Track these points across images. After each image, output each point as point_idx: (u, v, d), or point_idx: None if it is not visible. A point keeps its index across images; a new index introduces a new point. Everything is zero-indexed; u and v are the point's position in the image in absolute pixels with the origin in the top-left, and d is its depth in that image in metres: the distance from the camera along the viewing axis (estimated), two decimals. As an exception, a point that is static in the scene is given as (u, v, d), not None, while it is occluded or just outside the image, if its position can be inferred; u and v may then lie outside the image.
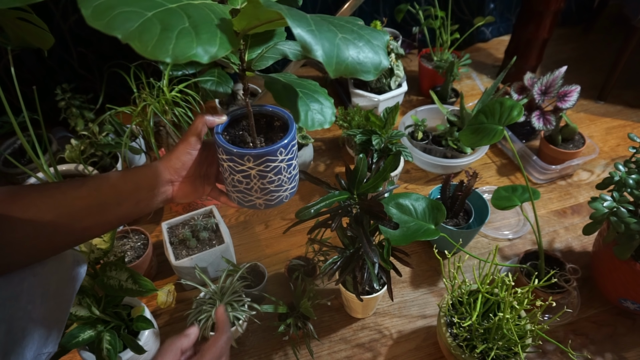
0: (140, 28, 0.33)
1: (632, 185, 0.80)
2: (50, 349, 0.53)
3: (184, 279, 0.93)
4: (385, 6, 1.67)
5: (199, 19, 0.38)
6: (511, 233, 1.13)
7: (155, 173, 0.56)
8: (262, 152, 0.54)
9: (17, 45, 0.74)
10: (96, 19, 0.32)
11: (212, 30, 0.38)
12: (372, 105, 1.39)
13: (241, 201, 0.62)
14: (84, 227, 0.51)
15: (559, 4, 1.37)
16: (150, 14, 0.34)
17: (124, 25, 0.33)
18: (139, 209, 0.56)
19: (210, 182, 0.64)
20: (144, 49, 0.33)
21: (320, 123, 0.51)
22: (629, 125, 1.44)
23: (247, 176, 0.57)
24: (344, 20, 0.41)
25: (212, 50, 0.37)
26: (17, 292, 0.48)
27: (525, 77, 1.24)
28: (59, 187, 0.50)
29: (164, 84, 1.01)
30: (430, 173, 1.30)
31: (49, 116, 1.35)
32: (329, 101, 0.54)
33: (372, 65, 0.39)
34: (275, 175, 0.58)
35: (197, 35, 0.36)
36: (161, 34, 0.34)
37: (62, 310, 0.56)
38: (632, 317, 0.95)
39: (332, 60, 0.37)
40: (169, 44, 0.34)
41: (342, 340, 0.92)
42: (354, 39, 0.39)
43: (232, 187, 0.60)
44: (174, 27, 0.35)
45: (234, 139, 0.60)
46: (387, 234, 0.76)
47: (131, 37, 0.33)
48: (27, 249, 0.48)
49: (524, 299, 0.71)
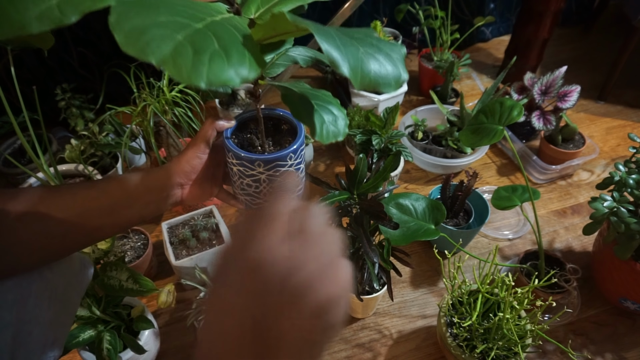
0: (173, 53, 0.32)
1: (632, 185, 0.80)
2: (57, 352, 0.53)
3: (184, 279, 0.93)
4: (385, 6, 1.67)
5: (227, 39, 0.37)
6: (511, 233, 1.13)
7: (166, 176, 0.57)
8: (273, 157, 0.54)
9: (17, 45, 0.75)
10: (130, 45, 0.31)
11: (241, 50, 0.37)
12: (372, 105, 1.39)
13: (249, 204, 0.62)
14: (94, 228, 0.52)
15: (559, 4, 1.37)
16: (182, 37, 0.34)
17: (157, 51, 0.32)
18: (148, 211, 0.56)
19: (218, 183, 0.65)
20: (178, 74, 0.32)
21: (335, 135, 0.51)
22: (629, 125, 1.44)
23: (257, 180, 0.57)
24: (362, 34, 0.42)
25: (244, 72, 0.36)
26: (25, 295, 0.48)
27: (525, 77, 1.24)
28: (70, 188, 0.50)
29: (164, 83, 1.01)
30: (430, 173, 1.30)
31: (49, 116, 1.35)
32: (342, 112, 0.54)
33: (393, 79, 0.40)
34: None
35: (228, 58, 0.35)
36: (194, 58, 0.33)
37: (68, 314, 0.56)
38: (632, 317, 0.95)
39: (357, 75, 0.37)
40: (202, 68, 0.33)
41: (342, 340, 0.92)
42: (374, 53, 0.39)
43: (241, 190, 0.60)
44: (205, 50, 0.34)
45: (242, 142, 0.60)
46: (387, 234, 0.76)
47: (166, 62, 0.32)
48: (37, 249, 0.48)
49: (524, 299, 0.71)
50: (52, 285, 0.51)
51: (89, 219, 0.51)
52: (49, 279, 0.51)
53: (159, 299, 0.86)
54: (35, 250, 0.48)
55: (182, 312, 0.97)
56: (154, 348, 0.86)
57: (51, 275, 0.51)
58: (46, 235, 0.47)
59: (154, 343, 0.86)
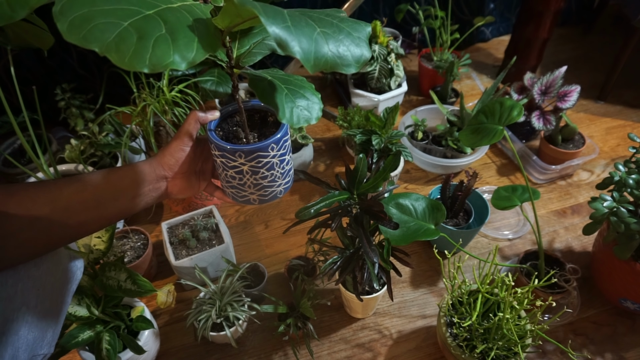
0: (116, 39, 0.32)
1: (632, 185, 0.80)
2: (46, 350, 0.53)
3: (184, 279, 0.93)
4: (385, 6, 1.67)
5: (176, 23, 0.37)
6: (511, 233, 1.13)
7: (150, 169, 0.57)
8: (254, 148, 0.55)
9: (17, 45, 0.74)
10: (72, 33, 0.31)
11: (189, 35, 0.37)
12: (372, 105, 1.39)
13: (235, 196, 0.62)
14: (80, 222, 0.52)
15: (559, 4, 1.37)
16: (127, 23, 0.33)
17: (100, 38, 0.32)
18: (134, 204, 0.56)
19: (206, 177, 0.65)
20: (121, 61, 0.32)
21: (307, 119, 0.51)
22: (629, 125, 1.44)
23: (240, 172, 0.57)
24: (324, 14, 0.41)
25: (190, 55, 0.36)
26: (11, 293, 0.48)
27: (525, 77, 1.24)
28: (56, 182, 0.51)
29: (164, 84, 1.01)
30: (430, 173, 1.30)
31: (48, 116, 1.35)
32: (316, 96, 0.53)
33: (354, 59, 0.39)
34: (267, 171, 0.58)
35: (174, 42, 0.35)
36: (137, 44, 0.33)
37: (57, 312, 0.56)
38: (632, 317, 0.95)
39: (310, 56, 0.36)
40: (145, 53, 0.33)
41: (342, 340, 0.92)
42: (333, 33, 0.38)
43: (226, 182, 0.61)
44: (150, 35, 0.34)
45: (227, 135, 0.60)
46: (387, 234, 0.76)
47: (108, 49, 0.31)
48: (22, 242, 0.48)
49: (524, 299, 0.71)
50: (40, 284, 0.51)
51: (74, 212, 0.51)
52: (36, 277, 0.51)
53: (158, 299, 0.86)
54: (20, 243, 0.48)
55: (182, 312, 0.97)
56: (154, 348, 0.86)
57: (38, 273, 0.51)
58: (31, 228, 0.47)
59: (154, 343, 0.86)
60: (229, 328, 0.83)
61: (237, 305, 0.84)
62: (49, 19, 1.27)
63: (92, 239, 0.75)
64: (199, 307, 0.84)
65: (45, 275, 0.52)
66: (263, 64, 1.58)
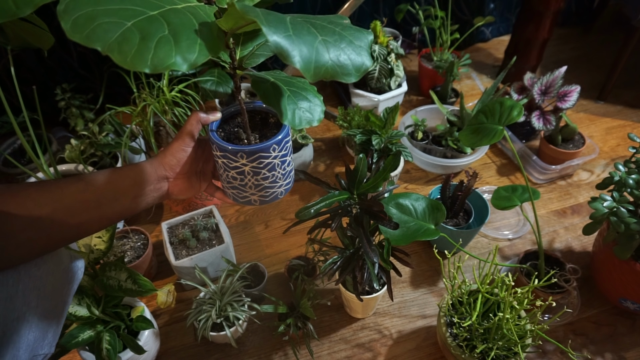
0: (119, 39, 0.32)
1: (632, 185, 0.80)
2: (47, 350, 0.53)
3: (184, 279, 0.93)
4: (385, 6, 1.67)
5: (179, 25, 0.37)
6: (511, 233, 1.13)
7: (151, 169, 0.57)
8: (255, 148, 0.55)
9: (17, 45, 0.74)
10: (76, 31, 0.31)
11: (192, 36, 0.37)
12: (372, 105, 1.39)
13: (236, 197, 0.62)
14: (80, 222, 0.52)
15: (559, 4, 1.37)
16: (130, 23, 0.34)
17: (103, 37, 0.32)
18: (135, 205, 0.56)
19: (207, 178, 0.65)
20: (123, 61, 0.32)
21: (309, 121, 0.51)
22: (629, 125, 1.44)
23: (241, 172, 0.57)
24: (327, 21, 0.41)
25: (191, 57, 0.36)
26: (12, 293, 0.48)
27: (525, 77, 1.24)
28: (57, 182, 0.51)
29: (164, 84, 1.01)
30: (430, 173, 1.30)
31: (49, 116, 1.35)
32: (318, 98, 0.53)
33: (354, 68, 0.38)
34: (269, 172, 0.58)
35: (177, 43, 0.35)
36: (140, 44, 0.33)
37: (58, 312, 0.56)
38: (632, 317, 0.95)
39: (310, 65, 0.36)
40: (147, 54, 0.33)
41: (342, 340, 0.92)
42: (335, 41, 0.38)
43: (227, 183, 0.61)
44: (153, 36, 0.34)
45: (229, 135, 0.60)
46: (387, 234, 0.76)
47: (111, 49, 0.32)
48: (23, 242, 0.48)
49: (524, 299, 0.71)
50: (40, 284, 0.51)
51: (76, 212, 0.51)
52: (37, 277, 0.51)
53: (158, 299, 0.86)
54: (21, 242, 0.48)
55: (182, 312, 0.97)
56: (154, 348, 0.86)
57: (39, 273, 0.51)
58: (32, 227, 0.47)
59: (154, 343, 0.86)
60: (229, 328, 0.83)
61: (237, 305, 0.84)
62: (48, 19, 1.27)
63: (93, 239, 0.75)
64: (199, 307, 0.84)
65: (46, 275, 0.52)
66: (264, 65, 1.58)
